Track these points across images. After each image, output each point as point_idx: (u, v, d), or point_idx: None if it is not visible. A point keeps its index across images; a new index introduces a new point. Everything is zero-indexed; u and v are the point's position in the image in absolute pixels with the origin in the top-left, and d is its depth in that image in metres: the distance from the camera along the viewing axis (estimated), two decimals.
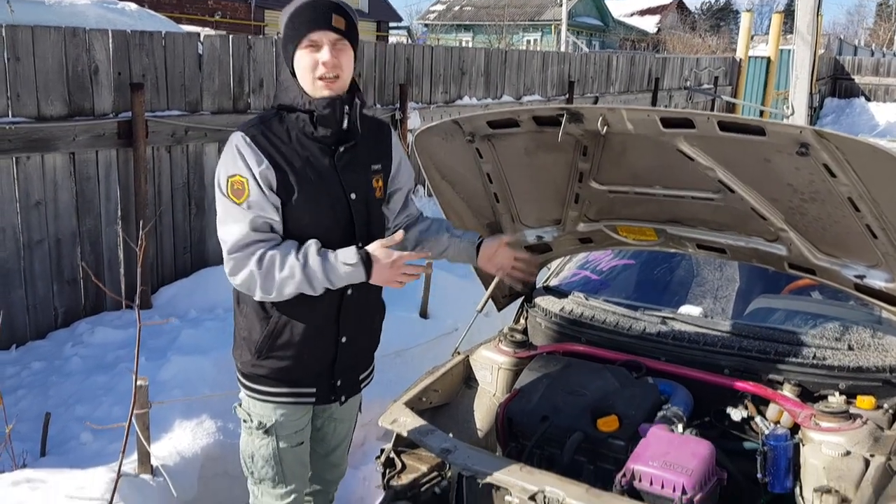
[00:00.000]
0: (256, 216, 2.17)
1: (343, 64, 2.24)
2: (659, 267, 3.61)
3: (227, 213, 2.19)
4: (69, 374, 3.82)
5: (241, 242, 2.17)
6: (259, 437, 2.39)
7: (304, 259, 2.16)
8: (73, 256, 4.48)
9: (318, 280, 2.17)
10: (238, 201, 2.16)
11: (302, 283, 2.16)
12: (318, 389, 2.41)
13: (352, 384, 2.51)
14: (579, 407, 2.69)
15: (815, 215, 2.39)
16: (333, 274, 2.17)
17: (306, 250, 2.18)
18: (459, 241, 2.57)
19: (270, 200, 2.19)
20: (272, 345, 2.31)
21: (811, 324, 2.89)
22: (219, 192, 2.21)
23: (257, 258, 2.15)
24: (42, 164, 4.25)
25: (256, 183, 2.16)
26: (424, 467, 2.86)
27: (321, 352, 2.38)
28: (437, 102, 7.69)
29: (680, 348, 2.91)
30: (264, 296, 2.20)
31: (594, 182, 2.79)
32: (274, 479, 2.44)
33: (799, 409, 2.58)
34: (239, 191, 2.16)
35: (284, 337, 2.31)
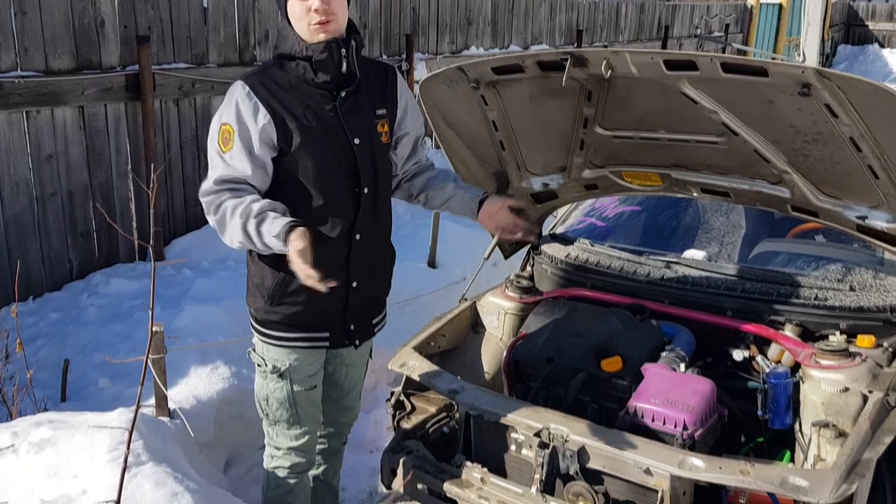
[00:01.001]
0: (229, 168, 2.23)
1: (334, 8, 2.24)
2: (664, 213, 3.63)
3: (213, 158, 2.27)
4: (86, 324, 3.91)
5: (210, 189, 2.25)
6: (274, 380, 2.46)
7: (244, 218, 2.18)
8: (86, 209, 4.54)
9: (255, 242, 2.19)
10: (224, 149, 2.23)
11: (244, 240, 2.20)
12: (332, 334, 2.47)
13: (365, 328, 2.57)
14: (583, 348, 2.74)
15: (818, 157, 2.40)
16: (265, 241, 2.17)
17: (248, 210, 2.18)
18: (464, 193, 2.59)
19: (257, 155, 2.23)
20: (284, 291, 2.37)
21: (814, 266, 2.92)
22: (210, 137, 2.28)
23: (216, 206, 2.23)
24: (52, 118, 4.28)
25: (244, 137, 2.21)
26: (433, 409, 2.94)
27: (332, 297, 2.37)
28: (444, 53, 7.64)
29: (683, 291, 2.94)
30: (226, 242, 2.28)
31: (599, 127, 2.80)
32: (289, 421, 2.52)
33: (800, 348, 2.62)
34: (226, 139, 2.22)
35: (296, 283, 2.32)
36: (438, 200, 2.61)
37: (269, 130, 2.22)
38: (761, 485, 2.09)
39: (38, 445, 2.20)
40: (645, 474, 2.24)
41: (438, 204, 2.63)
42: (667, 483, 2.22)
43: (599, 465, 2.32)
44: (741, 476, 2.11)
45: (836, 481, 2.03)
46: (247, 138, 2.21)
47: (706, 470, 2.15)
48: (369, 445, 3.63)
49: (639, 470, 2.25)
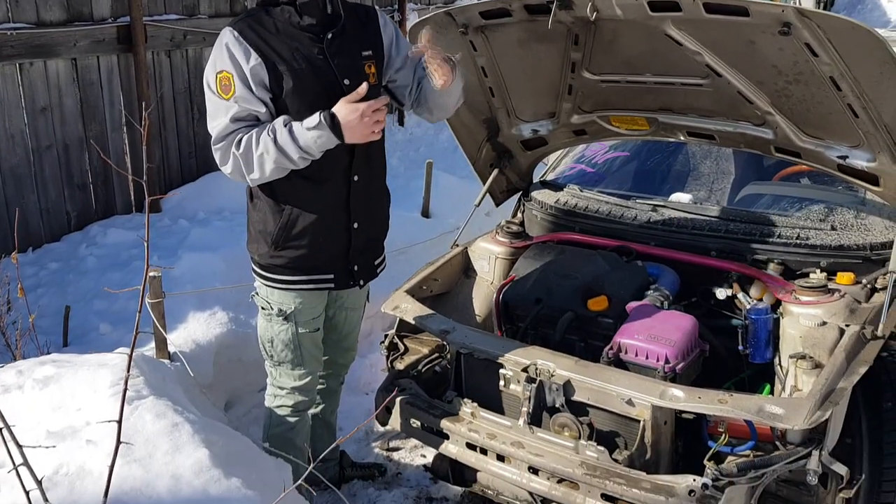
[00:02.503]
0: (241, 109, 2.24)
1: None
2: (653, 159, 3.67)
3: (215, 107, 2.28)
4: (85, 273, 3.97)
5: (224, 132, 2.26)
6: (279, 323, 2.53)
7: (273, 133, 2.22)
8: (82, 161, 4.58)
9: (292, 149, 2.21)
10: (225, 97, 2.24)
11: (278, 156, 2.22)
12: (336, 275, 2.55)
13: (368, 269, 2.65)
14: (571, 289, 2.81)
15: (800, 97, 2.45)
16: (303, 139, 2.21)
17: (274, 125, 2.24)
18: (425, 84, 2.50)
19: (257, 95, 2.26)
20: (288, 235, 2.43)
21: (797, 207, 2.98)
22: (207, 88, 2.28)
23: (236, 142, 2.25)
24: (45, 71, 4.29)
25: (243, 80, 2.23)
26: (425, 349, 3.02)
27: (335, 239, 2.50)
28: (437, 3, 7.59)
29: (669, 233, 3.00)
30: (252, 177, 2.29)
31: (587, 72, 2.83)
32: (293, 362, 2.61)
33: (781, 285, 2.68)
34: (226, 86, 2.23)
35: (299, 227, 2.42)
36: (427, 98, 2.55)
37: (260, 73, 2.25)
38: (738, 413, 2.17)
39: (42, 382, 2.28)
40: (627, 405, 2.33)
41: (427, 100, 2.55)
42: (648, 413, 2.31)
43: (584, 397, 2.41)
44: (719, 405, 2.19)
45: (810, 409, 2.11)
46: (244, 78, 2.24)
47: (686, 400, 2.23)
48: (365, 388, 3.72)
49: (621, 401, 2.33)
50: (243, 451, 2.25)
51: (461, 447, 2.60)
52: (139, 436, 2.03)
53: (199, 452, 2.03)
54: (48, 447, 1.70)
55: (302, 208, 2.41)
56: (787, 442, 2.26)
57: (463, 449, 2.60)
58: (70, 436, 2.02)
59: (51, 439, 1.97)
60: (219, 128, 2.27)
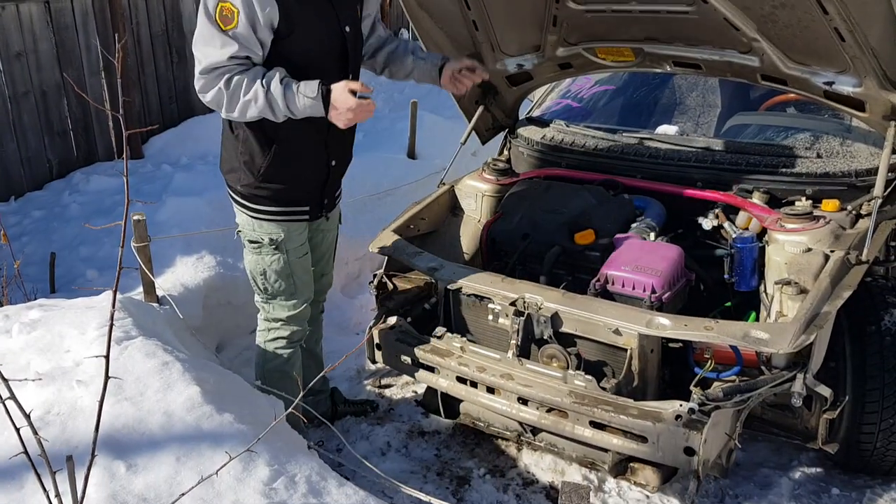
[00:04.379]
0: (239, 47, 2.20)
1: None
2: (639, 91, 3.64)
3: (210, 36, 2.21)
4: (69, 220, 3.94)
5: (214, 65, 2.22)
6: (270, 253, 2.55)
7: (267, 85, 2.22)
8: (61, 108, 4.50)
9: (279, 107, 2.23)
10: (224, 27, 2.19)
11: (264, 107, 2.23)
12: (311, 208, 2.59)
13: (332, 201, 2.71)
14: (557, 223, 2.81)
15: (786, 22, 2.41)
16: (293, 104, 2.23)
17: (270, 77, 2.23)
18: (423, 63, 2.66)
19: (259, 37, 2.22)
20: (275, 169, 2.44)
21: (783, 136, 2.97)
22: (204, 10, 2.21)
23: (226, 79, 2.22)
24: (18, 14, 4.18)
25: (250, 19, 2.18)
26: (414, 287, 3.03)
27: (316, 174, 2.55)
28: None
29: (655, 165, 3.00)
30: (228, 115, 2.30)
31: (571, 2, 2.78)
32: (286, 291, 2.63)
33: (766, 214, 2.69)
34: (227, 18, 2.18)
35: (287, 161, 2.44)
36: (401, 73, 2.71)
37: (272, 14, 2.22)
38: (724, 339, 2.20)
39: (30, 325, 2.27)
40: (614, 335, 2.35)
41: (402, 76, 2.73)
42: (635, 342, 2.33)
43: (571, 328, 2.43)
44: (705, 332, 2.21)
45: (795, 332, 2.14)
46: (252, 19, 2.19)
47: (672, 328, 2.26)
48: (355, 328, 3.74)
49: (608, 331, 2.36)
50: (235, 389, 2.26)
51: (451, 381, 2.63)
52: (130, 375, 2.04)
53: (190, 389, 2.04)
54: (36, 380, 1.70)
55: (289, 144, 2.42)
56: (773, 366, 2.29)
57: (453, 382, 2.62)
58: (60, 377, 2.02)
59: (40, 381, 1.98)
60: (210, 59, 2.22)
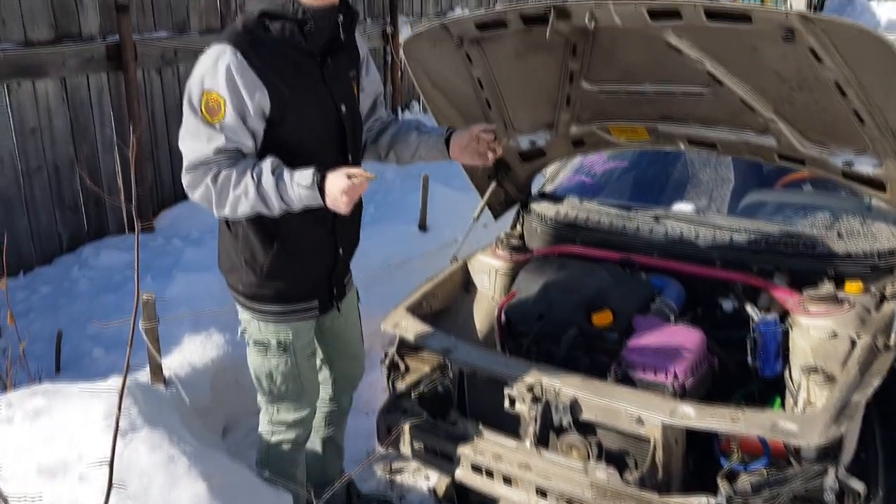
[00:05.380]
0: (227, 140, 2.10)
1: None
2: (653, 168, 3.63)
3: (196, 129, 2.11)
4: (78, 296, 3.90)
5: (201, 160, 2.11)
6: (277, 355, 2.41)
7: (258, 178, 2.09)
8: (73, 182, 4.51)
9: (272, 201, 2.10)
10: (210, 120, 2.08)
11: (256, 202, 2.10)
12: (320, 301, 2.46)
13: (342, 289, 2.58)
14: (574, 303, 2.75)
15: (803, 104, 2.40)
16: (287, 195, 2.09)
17: (261, 168, 2.09)
18: (428, 137, 2.48)
19: (249, 127, 2.12)
20: (279, 266, 2.31)
21: (801, 214, 2.93)
22: (188, 104, 2.11)
23: (213, 175, 2.10)
24: (34, 91, 4.23)
25: (238, 109, 2.08)
26: (427, 368, 2.96)
27: (323, 265, 2.42)
28: (429, 15, 7.56)
29: (672, 244, 2.96)
30: (219, 213, 2.17)
31: (585, 82, 2.78)
32: (293, 395, 2.49)
33: (789, 296, 2.64)
34: (214, 109, 2.07)
35: (291, 256, 2.32)
36: (407, 153, 2.52)
37: (263, 102, 2.11)
38: (751, 430, 2.11)
39: (33, 414, 2.21)
40: (637, 424, 2.27)
41: (408, 157, 2.53)
42: (659, 432, 2.24)
43: (592, 416, 2.35)
44: (731, 422, 2.13)
45: (825, 423, 2.05)
46: (240, 108, 2.08)
47: (697, 417, 2.17)
48: (365, 408, 3.65)
49: (631, 419, 2.27)
50: (242, 482, 2.18)
51: (466, 470, 2.54)
52: (134, 470, 1.96)
53: (196, 486, 1.96)
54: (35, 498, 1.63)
55: (293, 238, 2.31)
56: (802, 458, 2.20)
57: (468, 471, 2.53)
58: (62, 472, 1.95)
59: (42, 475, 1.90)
60: (196, 153, 2.11)
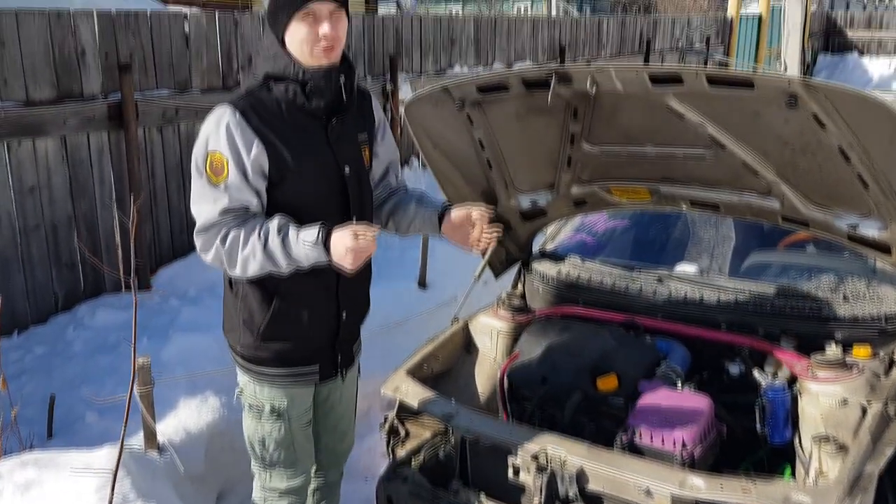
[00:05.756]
0: (232, 198, 2.10)
1: (340, 35, 2.18)
2: (654, 227, 3.62)
3: (203, 191, 2.12)
4: (72, 357, 3.84)
5: (210, 222, 2.12)
6: (271, 421, 2.36)
7: (264, 237, 2.09)
8: (70, 240, 4.48)
9: (279, 259, 2.09)
10: (216, 180, 2.09)
11: (264, 261, 2.10)
12: (321, 366, 2.40)
13: (348, 356, 2.51)
14: (578, 367, 2.71)
15: (807, 167, 2.39)
16: (294, 253, 2.09)
17: (267, 228, 2.10)
18: (424, 210, 2.43)
19: (252, 185, 2.13)
20: (277, 326, 2.27)
21: (806, 276, 2.91)
22: (195, 166, 2.13)
23: (222, 236, 2.10)
24: (34, 150, 4.23)
25: (239, 167, 2.09)
26: (428, 433, 2.89)
27: (325, 329, 2.36)
28: (428, 72, 7.64)
29: (677, 306, 2.93)
30: (233, 273, 2.16)
31: (586, 144, 2.78)
32: (286, 462, 2.42)
33: (796, 360, 2.60)
34: (218, 169, 2.09)
35: (290, 317, 2.27)
36: (405, 223, 2.48)
37: (261, 160, 2.12)
38: (763, 502, 2.05)
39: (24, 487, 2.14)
40: (646, 495, 2.20)
41: (405, 227, 2.49)
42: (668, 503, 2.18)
43: (599, 486, 2.28)
44: (743, 495, 2.07)
45: (839, 497, 2.00)
46: (241, 167, 2.09)
47: (707, 489, 2.11)
48: (364, 473, 3.56)
49: (639, 491, 2.20)
50: None
51: None
52: None
53: None
54: None
55: (292, 299, 2.27)
56: None
57: None
58: None
59: None
60: (205, 215, 2.12)
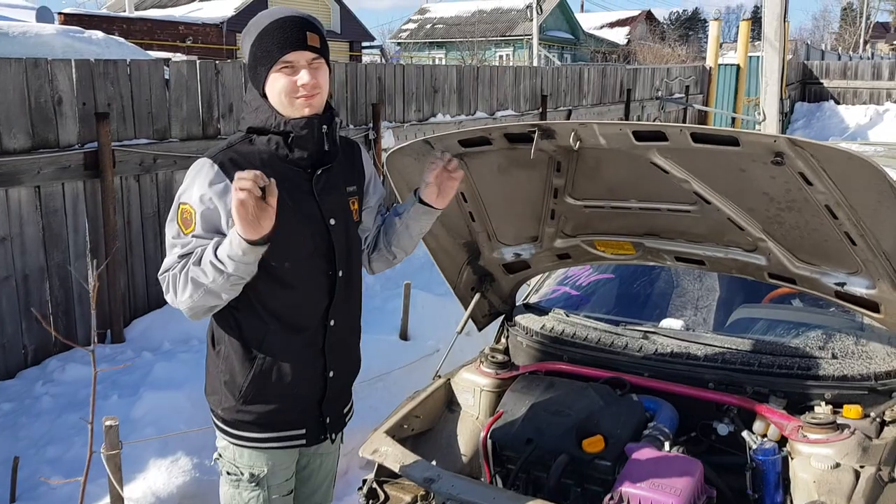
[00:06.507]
0: (196, 247, 2.04)
1: (321, 83, 2.14)
2: (639, 280, 3.57)
3: (173, 240, 2.09)
4: (39, 415, 3.71)
5: (172, 265, 2.06)
6: (249, 490, 2.24)
7: (198, 257, 2.00)
8: (42, 292, 4.38)
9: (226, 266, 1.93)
10: (185, 231, 2.06)
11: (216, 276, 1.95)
12: (308, 430, 2.29)
13: (338, 419, 2.40)
14: (563, 428, 2.63)
15: (793, 224, 2.36)
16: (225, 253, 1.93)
17: (205, 248, 2.01)
18: (406, 209, 2.38)
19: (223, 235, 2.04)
20: (259, 388, 2.17)
21: (794, 333, 2.86)
22: (170, 215, 2.11)
23: (180, 267, 2.03)
24: (6, 199, 4.14)
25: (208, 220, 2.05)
26: (408, 497, 2.77)
27: (310, 389, 2.25)
28: (411, 121, 7.66)
29: (663, 363, 2.86)
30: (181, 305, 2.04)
31: (569, 197, 2.75)
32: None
33: (786, 421, 2.53)
34: (187, 220, 2.06)
35: (272, 378, 2.17)
36: (405, 237, 2.41)
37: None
38: None
39: None
40: None
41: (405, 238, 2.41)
42: None
43: None
44: None
45: None
46: (210, 218, 2.04)
47: None
48: None
49: None
50: None
51: None
52: None
53: None
54: None
55: (275, 357, 2.17)
56: None
57: None
58: None
59: None
60: (170, 260, 2.07)
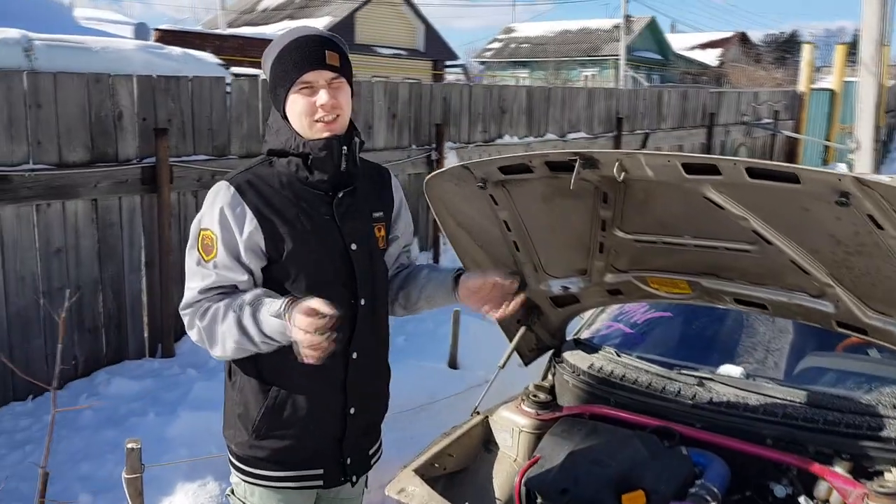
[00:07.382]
0: (220, 277, 1.99)
1: (342, 102, 2.06)
2: (698, 321, 3.34)
3: (194, 268, 2.02)
4: (79, 429, 3.72)
5: (194, 299, 1.99)
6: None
7: (239, 310, 1.93)
8: (95, 304, 4.42)
9: (253, 334, 1.92)
10: (206, 258, 1.99)
11: (240, 337, 1.93)
12: (326, 470, 2.16)
13: (362, 461, 2.26)
14: (603, 479, 2.44)
15: (864, 269, 2.12)
16: (265, 327, 1.90)
17: (242, 300, 1.94)
18: (438, 274, 2.27)
19: (244, 263, 2.00)
20: (273, 422, 2.07)
21: (866, 388, 2.60)
22: (189, 242, 2.04)
23: (202, 312, 1.96)
24: (63, 211, 4.21)
25: (229, 246, 1.98)
26: None
27: (328, 426, 2.13)
28: (476, 141, 7.54)
29: (717, 414, 2.64)
30: (215, 353, 2.00)
31: (618, 230, 2.56)
32: None
33: (850, 487, 2.29)
34: (208, 247, 1.99)
35: (287, 412, 2.07)
36: (415, 292, 2.29)
37: (255, 237, 1.99)
38: None
39: None
40: None
41: (415, 298, 2.30)
42: None
43: None
44: None
45: None
46: (232, 246, 1.98)
47: None
48: None
49: None
50: None
51: None
52: None
53: None
54: None
55: (291, 390, 2.07)
56: None
57: None
58: None
59: None
60: (192, 292, 1.99)
